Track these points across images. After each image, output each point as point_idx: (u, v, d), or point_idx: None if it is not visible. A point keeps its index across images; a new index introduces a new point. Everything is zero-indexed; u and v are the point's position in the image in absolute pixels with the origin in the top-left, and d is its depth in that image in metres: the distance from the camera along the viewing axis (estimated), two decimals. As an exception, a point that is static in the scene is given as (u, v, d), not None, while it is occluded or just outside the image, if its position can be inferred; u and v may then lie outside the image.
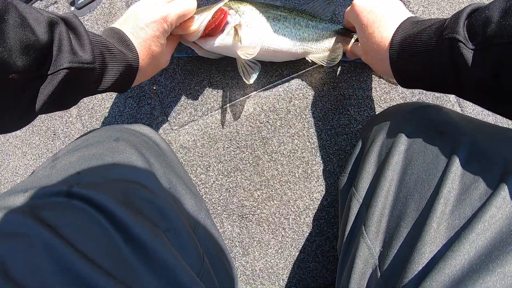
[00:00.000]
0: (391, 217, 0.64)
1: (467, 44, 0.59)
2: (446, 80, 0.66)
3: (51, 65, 0.60)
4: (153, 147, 0.77)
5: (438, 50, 0.65)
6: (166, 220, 0.62)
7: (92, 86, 0.72)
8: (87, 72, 0.66)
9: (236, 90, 1.09)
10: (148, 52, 0.82)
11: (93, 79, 0.70)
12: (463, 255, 0.47)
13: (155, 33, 0.81)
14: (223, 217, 1.08)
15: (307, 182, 1.07)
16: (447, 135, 0.64)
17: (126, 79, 0.79)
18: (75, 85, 0.66)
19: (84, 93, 0.72)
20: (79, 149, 0.67)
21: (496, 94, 0.59)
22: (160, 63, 0.91)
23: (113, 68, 0.74)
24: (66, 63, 0.61)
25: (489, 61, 0.56)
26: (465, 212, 0.52)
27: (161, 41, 0.84)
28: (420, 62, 0.70)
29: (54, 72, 0.61)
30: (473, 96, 0.64)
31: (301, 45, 1.00)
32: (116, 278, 0.50)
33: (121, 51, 0.75)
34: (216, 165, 1.08)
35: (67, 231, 0.50)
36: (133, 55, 0.78)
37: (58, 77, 0.61)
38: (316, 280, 1.07)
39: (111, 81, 0.74)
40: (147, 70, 0.86)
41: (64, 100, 0.68)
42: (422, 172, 0.62)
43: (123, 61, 0.76)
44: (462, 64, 0.60)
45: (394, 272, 0.59)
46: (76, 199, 0.54)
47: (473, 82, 0.60)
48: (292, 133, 1.08)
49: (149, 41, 0.81)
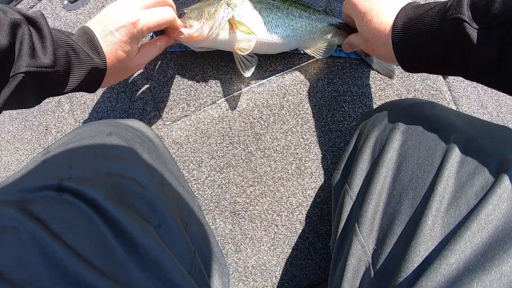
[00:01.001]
0: (385, 214, 0.64)
1: (471, 24, 0.60)
2: (452, 60, 0.67)
3: (12, 68, 0.61)
4: (146, 142, 0.76)
5: (442, 31, 0.65)
6: (158, 216, 0.62)
7: (55, 88, 0.71)
8: (47, 76, 0.66)
9: (229, 85, 1.09)
10: (115, 57, 0.81)
11: (55, 81, 0.70)
12: (459, 254, 0.47)
13: (123, 38, 0.79)
14: (215, 213, 1.08)
15: (300, 178, 1.07)
16: (442, 131, 0.63)
17: (92, 82, 0.79)
18: (35, 88, 0.66)
19: (46, 94, 0.71)
20: (71, 143, 0.67)
21: (502, 73, 0.59)
22: (129, 68, 0.89)
23: (79, 71, 0.73)
24: (23, 67, 0.61)
25: (494, 40, 0.57)
26: (461, 210, 0.52)
27: (128, 47, 0.82)
28: (424, 44, 0.70)
29: (13, 76, 0.61)
30: (479, 75, 0.65)
31: (294, 36, 1.00)
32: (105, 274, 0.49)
33: (87, 54, 0.74)
34: (208, 161, 1.08)
35: (57, 226, 0.50)
36: (100, 59, 0.77)
37: (15, 81, 0.61)
38: (308, 278, 1.06)
39: (75, 83, 0.74)
40: (114, 73, 0.85)
41: (25, 101, 0.68)
42: (417, 169, 0.62)
43: (89, 65, 0.75)
44: (467, 44, 0.61)
45: (388, 270, 0.58)
46: (66, 193, 0.54)
47: (479, 61, 0.61)
48: (286, 129, 1.07)
49: (116, 46, 0.79)
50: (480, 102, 1.12)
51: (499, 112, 1.13)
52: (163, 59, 1.11)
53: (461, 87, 1.11)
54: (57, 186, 0.54)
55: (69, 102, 1.16)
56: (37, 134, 1.18)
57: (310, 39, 1.01)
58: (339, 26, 1.03)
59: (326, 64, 1.09)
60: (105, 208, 0.53)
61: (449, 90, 1.10)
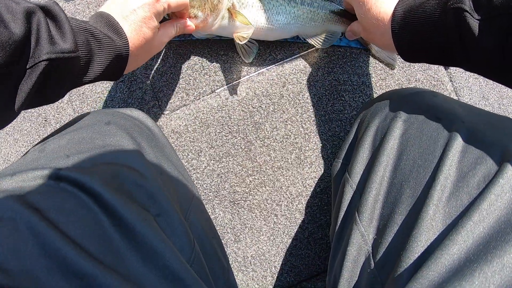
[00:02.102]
0: (386, 203, 0.63)
1: (473, 14, 0.59)
2: (452, 51, 0.66)
3: (29, 58, 0.57)
4: (145, 131, 0.75)
5: (442, 21, 0.65)
6: (156, 205, 0.61)
7: (78, 77, 0.68)
8: (70, 62, 0.63)
9: (229, 74, 1.08)
10: (139, 35, 0.78)
11: (78, 69, 0.66)
12: (460, 244, 0.46)
13: (146, 14, 0.77)
14: (214, 203, 1.07)
15: (300, 168, 1.07)
16: (444, 120, 0.63)
17: (116, 67, 0.75)
18: (58, 77, 0.63)
19: (70, 85, 0.68)
20: (69, 133, 0.66)
21: (503, 64, 0.59)
22: (153, 47, 0.86)
23: (101, 56, 0.70)
24: (44, 55, 0.58)
25: (495, 31, 0.57)
26: (463, 200, 0.52)
27: (154, 23, 0.79)
28: (424, 33, 0.70)
29: (33, 66, 0.58)
30: (479, 67, 0.65)
31: (296, 23, 0.99)
32: (102, 263, 0.49)
33: (109, 37, 0.71)
34: (207, 150, 1.07)
35: (54, 215, 0.49)
36: (122, 40, 0.74)
37: (37, 71, 0.58)
38: (308, 268, 1.06)
39: (99, 70, 0.70)
40: (139, 55, 0.82)
41: (48, 95, 0.65)
42: (418, 157, 0.61)
43: (112, 48, 0.72)
44: (468, 34, 0.60)
45: (388, 260, 0.58)
46: (64, 182, 0.53)
47: (480, 52, 0.61)
48: (285, 118, 1.07)
49: (140, 23, 0.77)
50: (481, 93, 1.12)
51: (501, 104, 1.13)
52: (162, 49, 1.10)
53: (462, 78, 1.10)
54: (54, 175, 0.54)
55: (68, 93, 1.15)
56: (36, 125, 1.18)
57: (311, 26, 1.01)
58: (341, 13, 1.02)
59: (326, 53, 1.08)
60: (103, 197, 0.53)
61: (450, 81, 1.10)
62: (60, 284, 0.45)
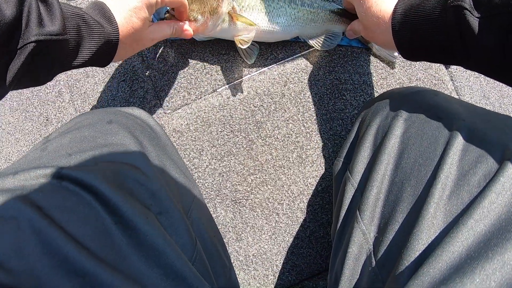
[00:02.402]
0: (387, 202, 0.63)
1: (472, 12, 0.60)
2: (452, 49, 0.67)
3: (20, 39, 0.59)
4: (147, 130, 0.75)
5: (443, 18, 0.65)
6: (159, 203, 0.61)
7: (67, 60, 0.70)
8: (58, 45, 0.64)
9: (230, 73, 1.08)
10: (128, 24, 0.79)
11: (66, 53, 0.68)
12: (461, 242, 0.46)
13: (137, 4, 0.78)
14: (216, 202, 1.07)
15: (301, 167, 1.07)
16: (445, 119, 0.63)
17: (105, 53, 0.77)
18: (46, 59, 0.65)
19: (58, 67, 0.69)
20: (71, 131, 0.66)
21: (503, 62, 0.59)
22: (142, 39, 0.87)
23: (91, 41, 0.71)
24: (33, 36, 0.60)
25: (495, 30, 0.57)
26: (463, 198, 0.52)
27: (144, 14, 0.80)
28: (424, 31, 0.70)
29: (22, 46, 0.59)
30: (479, 65, 0.65)
31: (296, 24, 0.99)
32: (104, 262, 0.49)
33: (99, 23, 0.73)
34: (209, 149, 1.07)
35: (56, 213, 0.49)
36: (112, 27, 0.75)
37: (25, 51, 0.59)
38: (309, 266, 1.06)
39: (88, 54, 0.72)
40: (127, 43, 0.82)
41: (36, 75, 0.66)
42: (419, 156, 0.61)
43: (102, 34, 0.73)
44: (468, 32, 0.60)
45: (389, 258, 0.58)
46: (66, 180, 0.53)
47: (480, 50, 0.61)
48: (287, 117, 1.07)
49: (130, 12, 0.78)
50: (482, 93, 1.12)
51: (501, 103, 1.13)
52: (163, 48, 1.11)
53: (463, 77, 1.10)
54: (56, 173, 0.54)
55: (69, 92, 1.15)
56: (38, 124, 1.18)
57: (312, 27, 1.01)
58: (341, 13, 1.02)
59: (327, 52, 1.08)
60: (105, 195, 0.53)
61: (451, 80, 1.10)
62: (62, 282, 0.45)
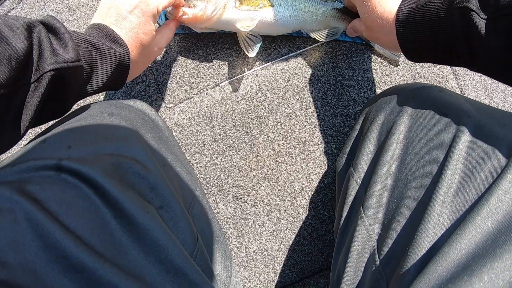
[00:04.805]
0: (391, 198, 0.63)
1: (479, 14, 0.59)
2: (457, 51, 0.66)
3: (33, 72, 0.57)
4: (149, 123, 0.75)
5: (448, 20, 0.65)
6: (159, 197, 0.60)
7: (82, 87, 0.68)
8: (74, 72, 0.63)
9: (233, 68, 1.08)
10: (136, 42, 0.78)
11: (82, 79, 0.67)
12: (468, 240, 0.46)
13: (139, 19, 0.76)
14: (217, 197, 1.07)
15: (304, 163, 1.06)
16: (451, 115, 0.62)
17: (119, 75, 0.76)
18: (63, 89, 0.63)
19: (75, 96, 0.68)
20: (71, 123, 0.65)
21: (509, 64, 0.58)
22: (153, 52, 0.86)
23: (104, 65, 0.70)
24: (49, 66, 0.58)
25: (502, 31, 0.57)
26: (470, 195, 0.51)
27: (149, 27, 0.79)
28: (429, 32, 0.69)
29: (38, 78, 0.57)
30: (484, 67, 0.65)
31: (297, 16, 0.99)
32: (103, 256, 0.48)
33: (109, 47, 0.71)
34: (211, 144, 1.07)
35: (54, 206, 0.48)
36: (122, 48, 0.74)
37: (43, 82, 0.58)
38: (311, 264, 1.06)
39: (103, 79, 0.71)
40: (139, 61, 0.82)
41: (54, 108, 0.65)
42: (424, 152, 0.60)
43: (113, 56, 0.72)
44: (474, 33, 0.60)
45: (393, 256, 0.57)
46: (65, 173, 0.52)
47: (486, 52, 0.60)
48: (290, 112, 1.06)
49: (135, 30, 0.77)
50: (486, 92, 1.11)
51: (506, 103, 1.13)
52: (166, 41, 1.09)
53: (467, 76, 1.10)
54: (55, 165, 0.53)
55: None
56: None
57: (313, 20, 1.00)
58: (342, 10, 1.02)
59: (331, 48, 1.08)
60: (105, 188, 0.52)
61: (455, 78, 1.09)
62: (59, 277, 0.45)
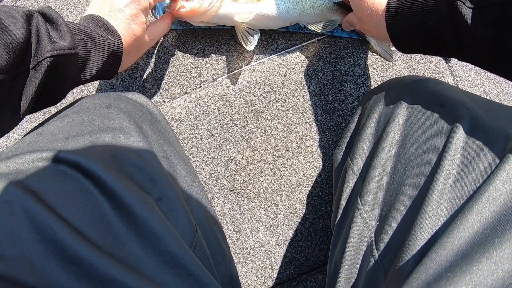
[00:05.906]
0: (389, 189, 0.63)
1: (465, 3, 0.60)
2: (445, 40, 0.67)
3: (32, 59, 0.60)
4: (147, 115, 0.75)
5: (436, 9, 0.66)
6: (158, 188, 0.60)
7: (77, 75, 0.71)
8: (71, 59, 0.66)
9: (230, 63, 1.08)
10: (129, 32, 0.81)
11: (77, 67, 0.69)
12: (467, 229, 0.46)
13: (133, 11, 0.80)
14: (214, 192, 1.07)
15: (301, 157, 1.06)
16: (449, 107, 0.62)
17: (112, 64, 0.79)
18: (60, 75, 0.66)
19: (71, 83, 0.71)
20: (69, 115, 0.65)
21: (496, 54, 0.60)
22: (144, 43, 0.89)
23: (97, 54, 0.73)
24: (47, 52, 0.61)
25: (488, 20, 0.58)
26: (468, 186, 0.51)
27: (141, 19, 0.83)
28: (418, 23, 0.70)
29: (36, 65, 0.60)
30: (472, 57, 0.65)
31: (295, 8, 0.99)
32: (101, 249, 0.48)
33: (102, 36, 0.74)
34: (208, 138, 1.07)
35: (52, 198, 0.48)
36: (115, 38, 0.77)
37: (41, 68, 0.60)
38: (308, 260, 1.06)
39: (97, 67, 0.74)
40: (131, 51, 0.85)
41: (51, 94, 0.68)
42: (422, 143, 0.61)
43: (107, 46, 0.75)
44: (461, 23, 0.61)
45: (391, 247, 0.57)
46: (63, 164, 0.52)
47: (473, 41, 0.61)
48: (287, 107, 1.06)
49: (128, 20, 0.80)
50: (482, 88, 1.12)
51: (501, 99, 1.13)
52: (164, 37, 1.10)
53: (463, 72, 1.10)
54: (53, 157, 0.53)
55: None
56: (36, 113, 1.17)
57: (310, 13, 1.00)
58: (339, 4, 1.02)
59: (328, 43, 1.08)
60: (103, 179, 0.52)
61: (451, 74, 1.10)
62: (56, 270, 0.45)
